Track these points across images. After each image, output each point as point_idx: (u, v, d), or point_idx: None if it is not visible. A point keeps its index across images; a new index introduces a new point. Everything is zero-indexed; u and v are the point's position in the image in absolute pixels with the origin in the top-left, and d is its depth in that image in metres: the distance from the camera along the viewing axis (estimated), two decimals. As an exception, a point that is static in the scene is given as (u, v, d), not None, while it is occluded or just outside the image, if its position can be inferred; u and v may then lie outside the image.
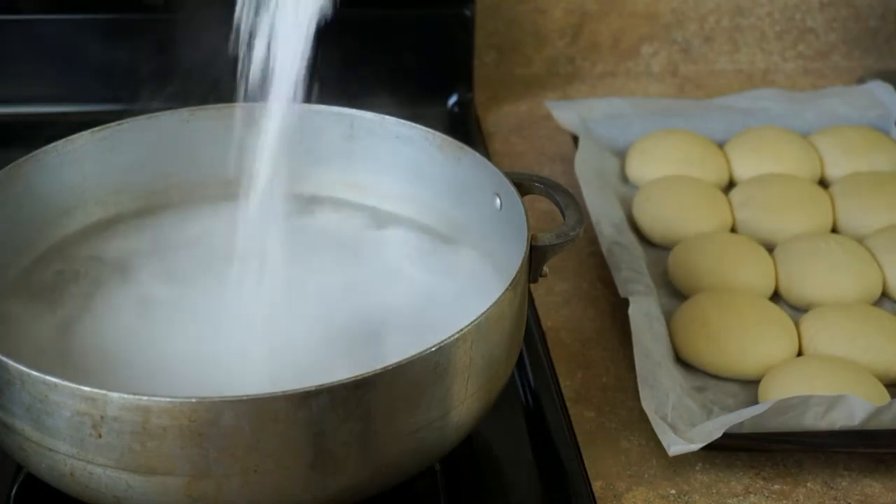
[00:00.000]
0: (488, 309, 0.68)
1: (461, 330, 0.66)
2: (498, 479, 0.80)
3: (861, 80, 1.23)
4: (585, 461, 0.79)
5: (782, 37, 1.30)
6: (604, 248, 0.94)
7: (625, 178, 1.07)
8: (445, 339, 0.65)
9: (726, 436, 0.77)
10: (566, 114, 1.11)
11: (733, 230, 1.00)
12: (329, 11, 0.77)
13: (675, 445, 0.77)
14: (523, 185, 0.78)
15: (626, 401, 0.85)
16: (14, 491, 0.75)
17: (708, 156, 1.07)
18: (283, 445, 0.63)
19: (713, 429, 0.77)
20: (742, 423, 0.77)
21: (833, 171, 1.07)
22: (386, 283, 0.81)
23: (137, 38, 1.12)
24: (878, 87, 1.16)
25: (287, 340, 0.76)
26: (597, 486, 0.78)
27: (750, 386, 0.85)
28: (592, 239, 0.97)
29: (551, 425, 0.81)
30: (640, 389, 0.81)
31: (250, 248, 0.84)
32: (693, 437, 0.77)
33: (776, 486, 0.78)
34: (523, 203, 0.76)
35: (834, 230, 1.00)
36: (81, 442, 0.63)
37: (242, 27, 0.79)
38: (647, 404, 0.80)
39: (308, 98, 0.88)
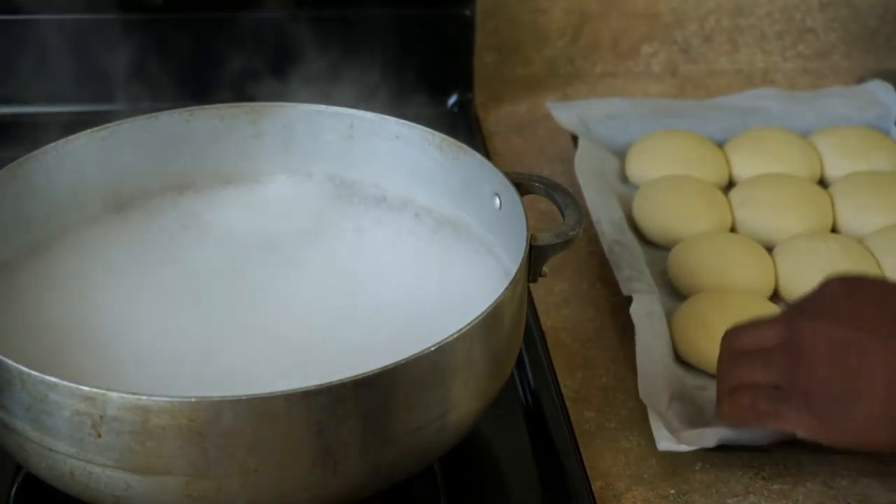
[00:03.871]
0: (488, 309, 0.68)
1: (461, 330, 0.66)
2: (498, 479, 0.80)
3: (861, 80, 1.23)
4: (585, 461, 0.79)
5: (782, 37, 1.30)
6: (605, 247, 0.94)
7: (625, 178, 1.07)
8: (445, 339, 0.65)
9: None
10: (566, 114, 1.11)
11: (733, 230, 1.00)
12: None
13: (664, 442, 0.77)
14: (523, 185, 0.78)
15: (626, 401, 0.85)
16: (14, 491, 0.75)
17: (708, 156, 1.07)
18: (283, 445, 0.63)
19: (710, 435, 0.77)
20: (738, 436, 0.78)
21: (833, 172, 1.07)
22: (385, 283, 0.81)
23: (137, 38, 1.12)
24: (878, 87, 1.16)
25: (283, 339, 0.76)
26: (597, 486, 0.78)
27: (750, 386, 0.85)
28: (592, 238, 0.97)
29: (551, 425, 0.81)
30: (639, 384, 0.81)
31: (250, 246, 0.84)
32: (688, 438, 0.77)
33: (776, 486, 0.78)
34: (523, 203, 0.76)
35: (834, 230, 1.00)
36: (81, 442, 0.63)
37: None
38: (647, 399, 0.80)
39: (309, 98, 0.89)
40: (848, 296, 0.74)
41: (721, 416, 0.76)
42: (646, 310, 0.87)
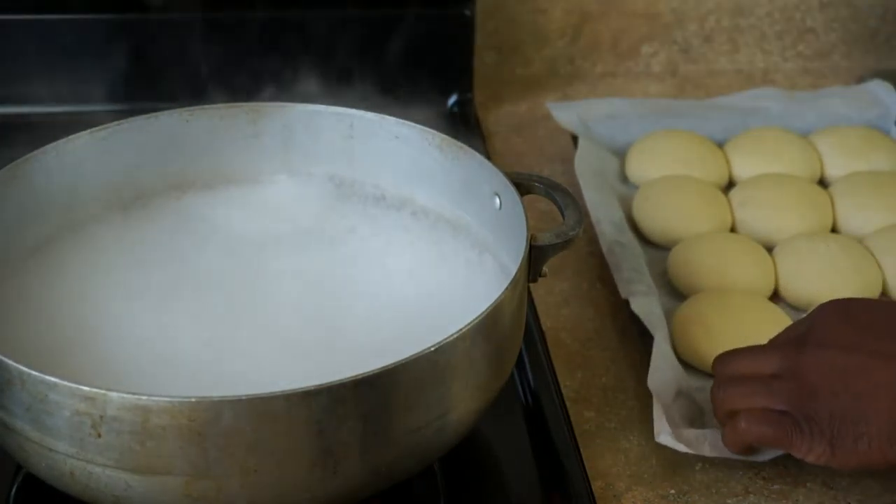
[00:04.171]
0: (488, 308, 0.68)
1: (461, 330, 0.66)
2: (498, 479, 0.80)
3: (861, 80, 1.23)
4: (585, 461, 0.79)
5: (782, 37, 1.30)
6: (604, 248, 0.94)
7: (624, 178, 1.07)
8: (445, 339, 0.65)
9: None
10: (566, 114, 1.11)
11: (733, 230, 1.00)
12: None
13: (664, 436, 0.77)
14: (523, 185, 0.78)
15: (626, 401, 0.85)
16: (14, 491, 0.75)
17: (708, 156, 1.07)
18: (282, 445, 0.63)
19: (708, 446, 0.77)
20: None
21: (833, 171, 1.07)
22: (385, 282, 0.82)
23: (137, 37, 1.12)
24: (878, 87, 1.16)
25: (283, 339, 0.76)
26: (597, 485, 0.78)
27: (750, 386, 0.85)
28: (592, 239, 0.97)
29: (551, 425, 0.81)
30: (649, 375, 0.80)
31: (250, 246, 0.84)
32: (688, 439, 0.77)
33: (776, 486, 0.78)
34: (523, 203, 0.76)
35: (834, 230, 1.00)
36: (81, 442, 0.63)
37: None
38: (655, 390, 0.79)
39: (308, 98, 0.89)
40: (843, 321, 0.75)
41: (727, 443, 0.76)
42: (645, 310, 0.87)
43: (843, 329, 0.74)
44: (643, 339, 0.88)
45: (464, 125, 1.13)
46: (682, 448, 0.77)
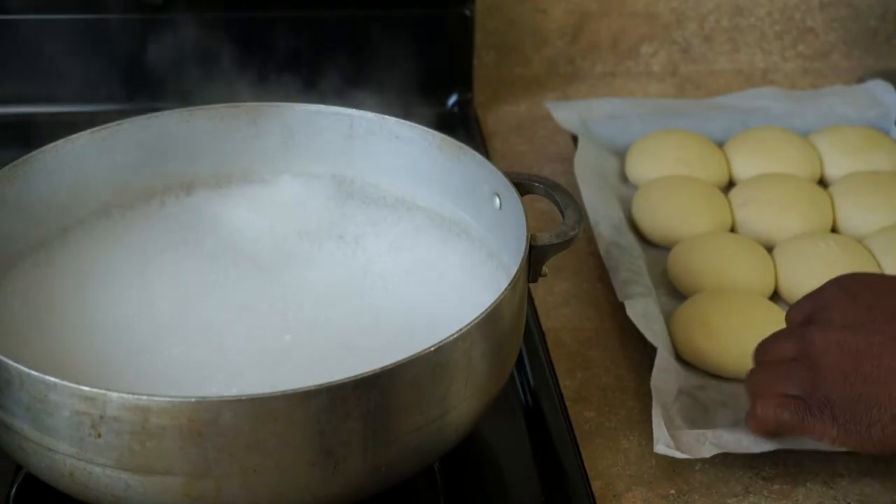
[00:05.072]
0: (488, 309, 0.68)
1: (461, 330, 0.66)
2: (497, 478, 0.80)
3: (861, 80, 1.23)
4: (585, 461, 0.79)
5: (782, 37, 1.30)
6: (601, 250, 0.94)
7: (624, 178, 1.07)
8: (445, 339, 0.65)
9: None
10: (566, 114, 1.11)
11: (733, 230, 1.00)
12: None
13: (660, 445, 0.77)
14: (523, 185, 0.78)
15: (626, 401, 0.85)
16: (14, 491, 0.75)
17: (708, 156, 1.07)
18: (282, 445, 0.63)
19: (709, 440, 0.77)
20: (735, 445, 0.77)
21: (833, 171, 1.07)
22: (385, 283, 0.82)
23: (137, 38, 1.12)
24: (878, 87, 1.16)
25: (284, 339, 0.76)
26: (596, 486, 0.78)
27: (750, 386, 0.85)
28: (592, 239, 0.98)
29: (551, 425, 0.81)
30: (653, 376, 0.80)
31: (250, 246, 0.84)
32: (686, 444, 0.77)
33: (776, 486, 0.78)
34: (523, 203, 0.76)
35: (834, 230, 1.00)
36: (81, 442, 0.63)
37: None
38: (656, 392, 0.79)
39: (308, 98, 0.89)
40: (849, 298, 0.75)
41: (752, 429, 0.77)
42: (641, 313, 0.87)
43: (849, 307, 0.74)
44: (643, 339, 0.88)
45: (464, 125, 1.13)
46: (679, 455, 0.76)
